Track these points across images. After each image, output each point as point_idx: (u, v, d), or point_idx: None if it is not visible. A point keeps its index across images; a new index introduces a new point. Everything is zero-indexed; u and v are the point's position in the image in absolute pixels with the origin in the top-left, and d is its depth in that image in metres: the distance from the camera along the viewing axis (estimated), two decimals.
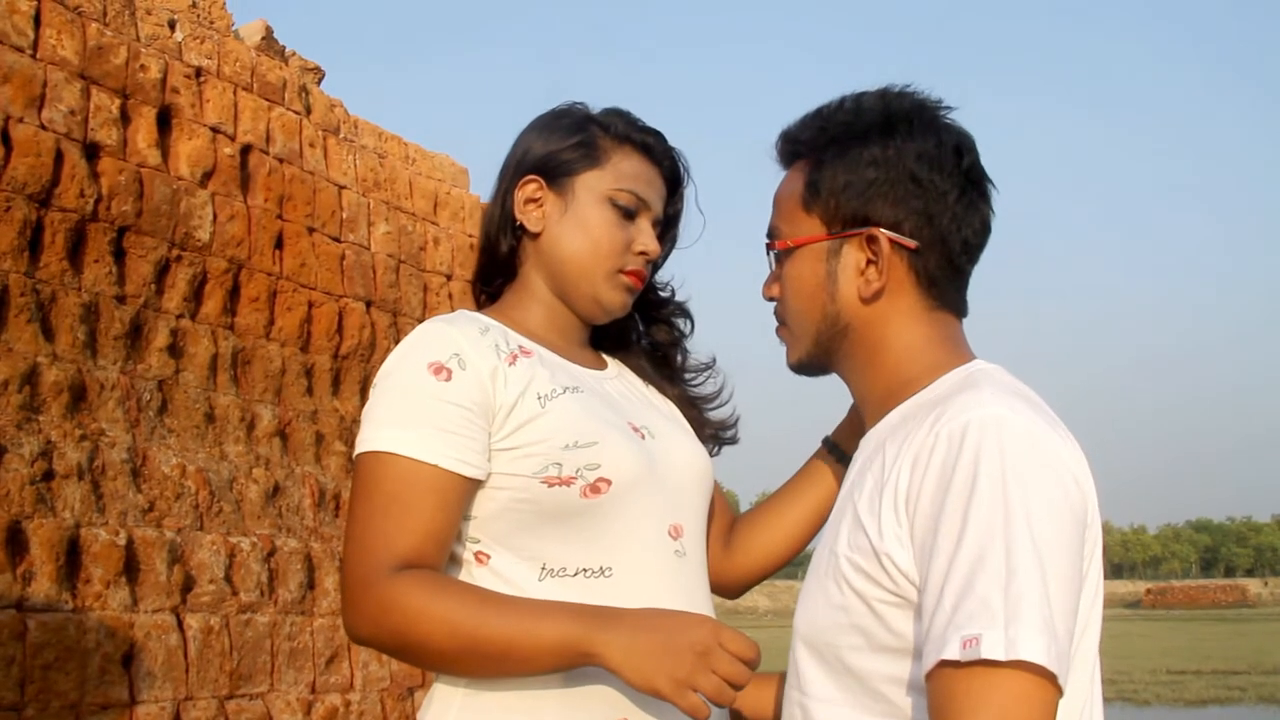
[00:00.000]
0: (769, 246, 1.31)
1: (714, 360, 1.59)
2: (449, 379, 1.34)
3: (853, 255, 1.23)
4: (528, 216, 1.48)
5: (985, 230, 1.24)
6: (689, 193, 1.56)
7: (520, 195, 1.49)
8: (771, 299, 1.32)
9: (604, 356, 1.56)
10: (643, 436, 1.42)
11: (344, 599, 1.32)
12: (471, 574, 1.36)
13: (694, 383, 1.58)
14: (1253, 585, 77.96)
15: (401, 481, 1.31)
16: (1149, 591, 71.88)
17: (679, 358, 1.58)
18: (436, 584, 1.28)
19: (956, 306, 1.26)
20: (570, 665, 1.25)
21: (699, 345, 1.61)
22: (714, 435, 1.57)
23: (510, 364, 1.38)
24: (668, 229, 1.55)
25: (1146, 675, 20.35)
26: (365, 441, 1.34)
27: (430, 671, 1.37)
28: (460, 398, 1.34)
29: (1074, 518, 1.06)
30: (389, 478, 1.31)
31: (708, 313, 1.63)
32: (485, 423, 1.34)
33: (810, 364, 1.29)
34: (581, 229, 1.46)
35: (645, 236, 1.47)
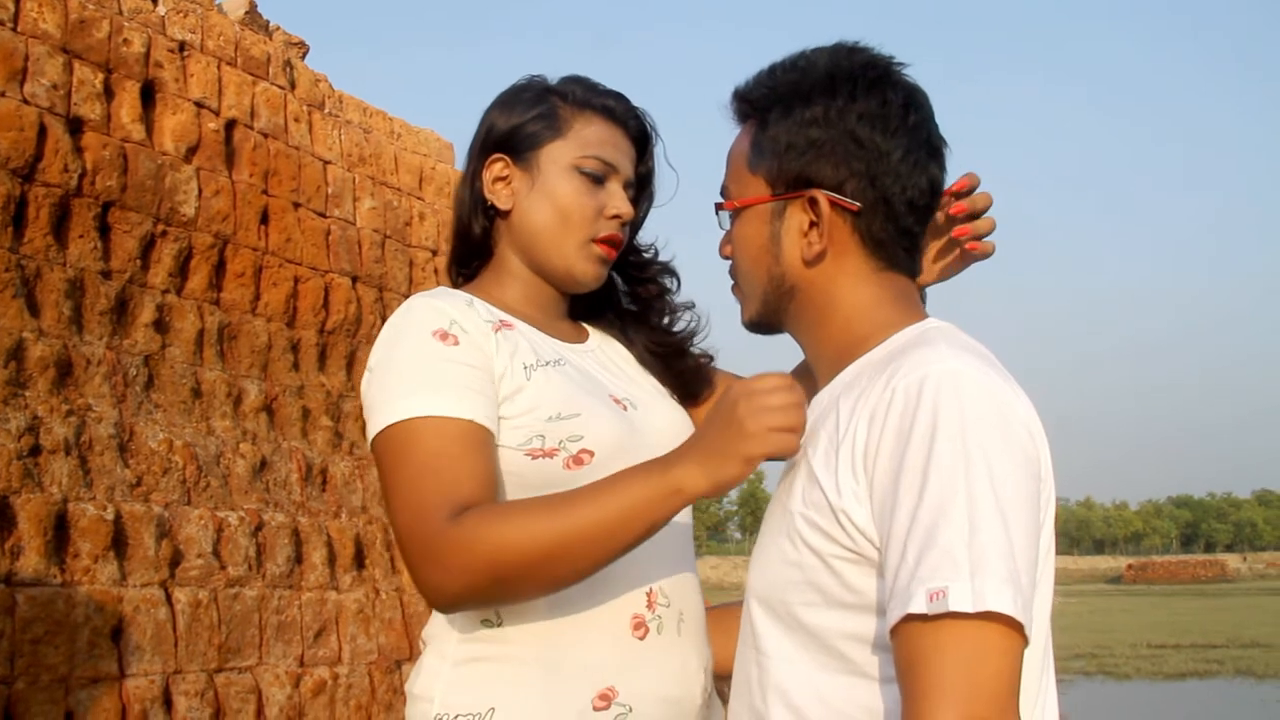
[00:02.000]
0: (718, 207, 1.31)
1: (693, 303, 1.59)
2: (456, 344, 1.35)
3: (796, 217, 1.21)
4: (497, 195, 1.48)
5: (934, 190, 1.22)
6: (659, 150, 1.54)
7: (488, 175, 1.48)
8: (726, 259, 1.31)
9: (585, 327, 1.56)
10: (624, 408, 1.43)
11: (418, 563, 1.25)
12: None
13: (674, 325, 1.57)
14: (1232, 560, 78.77)
15: (442, 439, 1.29)
16: (1130, 567, 72.57)
17: (662, 309, 1.57)
18: (502, 508, 1.26)
19: (907, 267, 1.24)
20: (665, 515, 1.21)
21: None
22: (703, 376, 1.55)
23: (495, 333, 1.39)
24: (642, 189, 1.53)
25: (1127, 649, 20.57)
26: (390, 414, 1.31)
27: (530, 597, 1.31)
28: (471, 359, 1.34)
29: (1030, 471, 1.06)
30: (427, 437, 1.29)
31: (697, 275, 1.63)
32: (493, 386, 1.35)
33: (761, 323, 1.29)
34: (550, 201, 1.45)
35: (616, 199, 1.46)
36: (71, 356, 4.49)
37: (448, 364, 1.33)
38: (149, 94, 5.11)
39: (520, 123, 1.47)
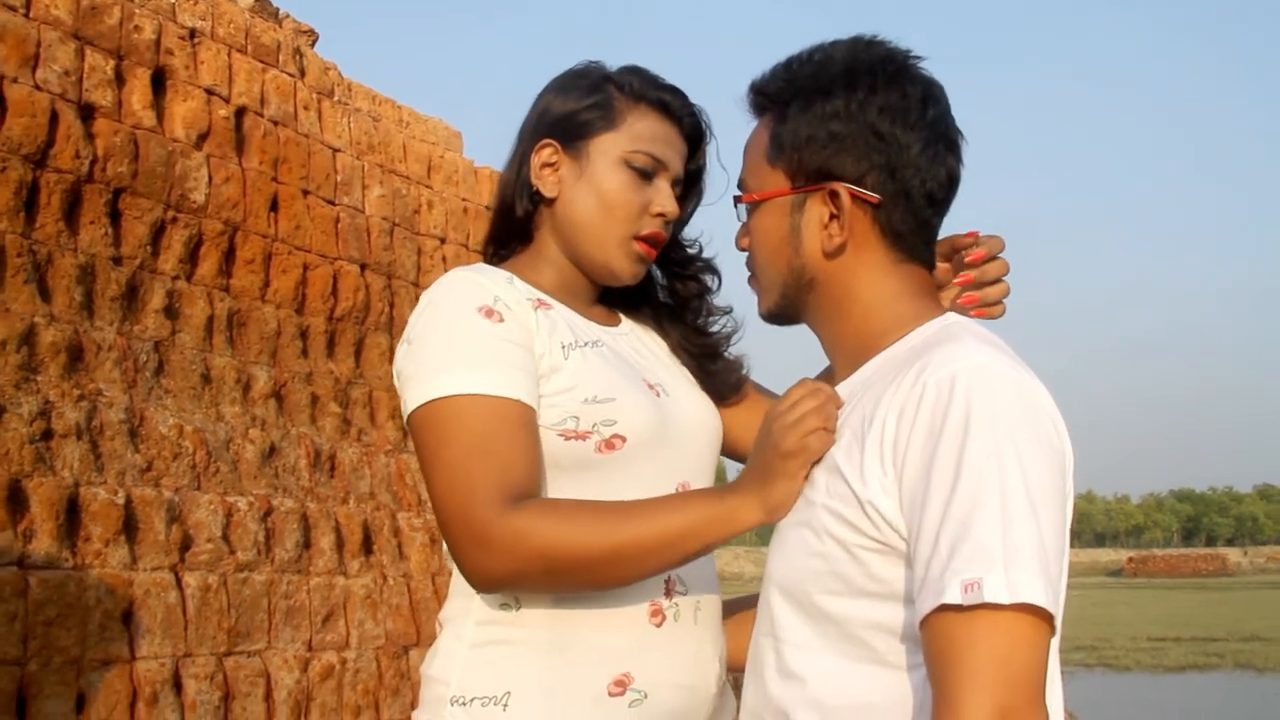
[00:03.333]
0: (737, 200, 1.32)
1: (731, 307, 1.58)
2: (501, 321, 1.34)
3: (816, 209, 1.22)
4: (544, 181, 1.46)
5: (951, 182, 1.23)
6: (711, 149, 1.52)
7: (536, 160, 1.47)
8: (743, 250, 1.32)
9: (618, 313, 1.55)
10: (657, 394, 1.43)
11: (467, 546, 1.26)
12: None
13: (711, 327, 1.56)
14: (1233, 554, 78.71)
15: (492, 419, 1.28)
16: (1131, 560, 72.46)
17: (700, 308, 1.56)
18: (562, 506, 1.28)
19: (925, 259, 1.26)
20: (719, 538, 1.26)
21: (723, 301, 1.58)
22: (731, 380, 1.55)
23: (535, 310, 1.39)
24: (691, 186, 1.52)
25: (1127, 642, 20.59)
26: (433, 389, 1.30)
27: (571, 591, 1.33)
28: (515, 336, 1.34)
29: (1058, 465, 1.09)
30: (476, 417, 1.28)
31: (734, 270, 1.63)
32: (535, 364, 1.35)
33: (779, 315, 1.30)
34: (596, 193, 1.44)
35: (663, 197, 1.45)
36: (82, 342, 4.52)
37: (493, 340, 1.32)
38: (159, 81, 5.13)
39: (574, 109, 1.45)
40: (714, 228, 1.58)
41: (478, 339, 1.32)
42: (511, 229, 1.52)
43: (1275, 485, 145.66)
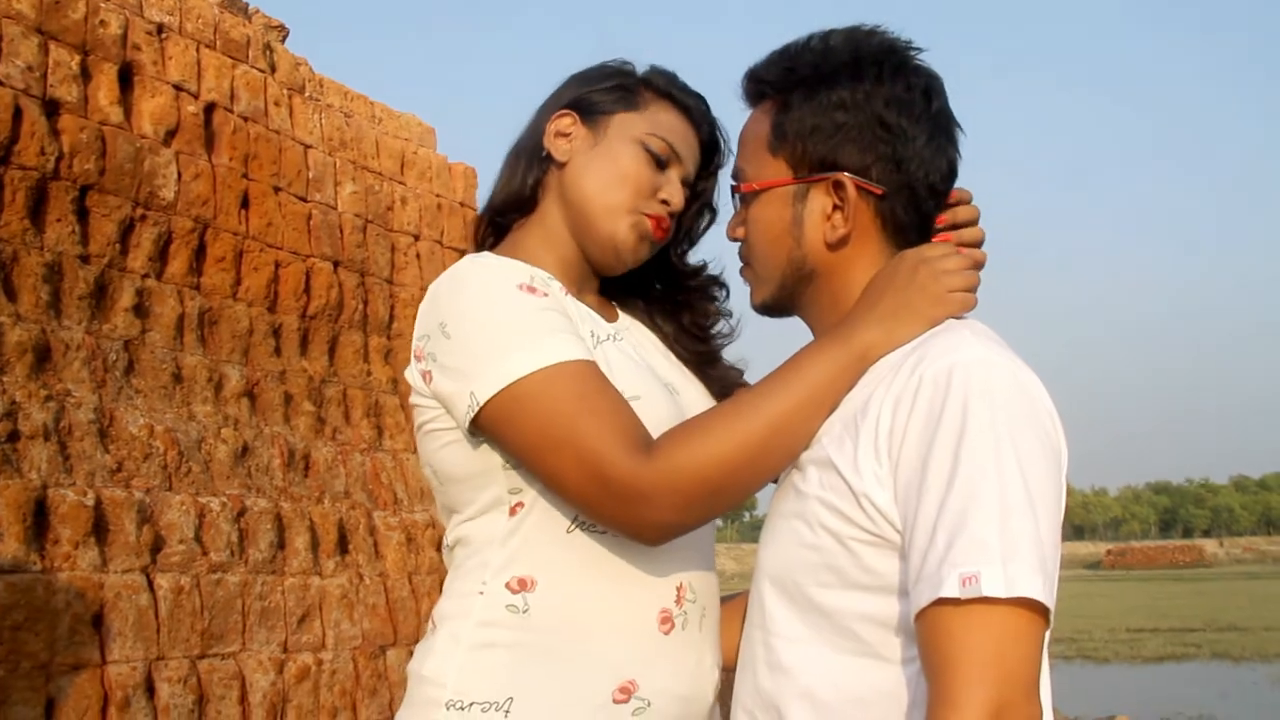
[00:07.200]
0: (734, 189, 1.30)
1: (731, 311, 1.55)
2: (546, 295, 1.32)
3: (819, 200, 1.21)
4: (556, 146, 1.43)
5: (952, 174, 1.23)
6: (725, 172, 1.46)
7: (552, 127, 1.44)
8: (736, 240, 1.30)
9: (615, 307, 1.52)
10: (669, 392, 1.40)
11: (622, 506, 1.21)
12: (497, 523, 1.32)
13: (711, 329, 1.53)
14: (1209, 545, 79.55)
15: (582, 382, 1.24)
16: (1109, 552, 73.11)
17: (712, 324, 1.52)
18: (694, 425, 1.23)
19: None
20: (852, 383, 1.19)
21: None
22: (730, 383, 1.51)
23: (565, 295, 1.37)
24: (696, 199, 1.48)
25: (1106, 634, 20.76)
26: (508, 372, 1.24)
27: (741, 501, 1.27)
28: (559, 308, 1.32)
29: (1054, 459, 1.08)
30: (566, 384, 1.23)
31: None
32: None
33: (774, 306, 1.29)
34: (610, 161, 1.40)
35: (671, 186, 1.41)
36: (50, 341, 4.45)
37: (548, 313, 1.29)
38: (126, 76, 5.06)
39: (597, 89, 1.44)
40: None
41: (532, 312, 1.28)
42: (512, 196, 1.46)
43: (1250, 476, 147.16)
